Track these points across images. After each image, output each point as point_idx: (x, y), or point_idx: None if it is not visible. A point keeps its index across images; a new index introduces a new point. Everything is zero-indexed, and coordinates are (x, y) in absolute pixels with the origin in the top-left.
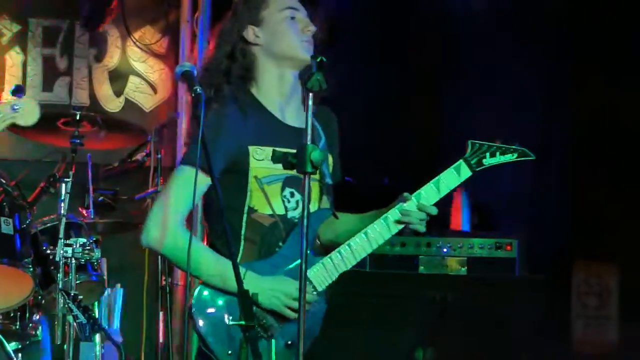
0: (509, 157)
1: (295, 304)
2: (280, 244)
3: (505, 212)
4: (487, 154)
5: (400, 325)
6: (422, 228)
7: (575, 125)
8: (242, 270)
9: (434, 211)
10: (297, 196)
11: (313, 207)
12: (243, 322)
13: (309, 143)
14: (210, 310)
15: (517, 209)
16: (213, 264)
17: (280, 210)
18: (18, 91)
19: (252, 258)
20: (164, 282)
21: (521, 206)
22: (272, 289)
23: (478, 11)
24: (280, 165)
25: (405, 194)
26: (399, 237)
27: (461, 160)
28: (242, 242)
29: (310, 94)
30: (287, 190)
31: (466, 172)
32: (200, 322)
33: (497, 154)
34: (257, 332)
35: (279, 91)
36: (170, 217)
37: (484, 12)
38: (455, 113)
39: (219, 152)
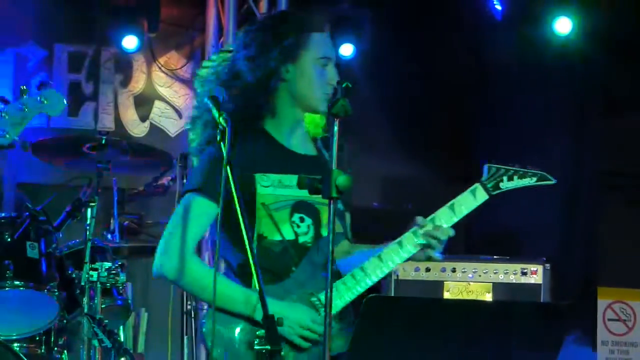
0: (527, 181)
1: (308, 334)
2: (293, 268)
3: (531, 238)
4: (505, 178)
5: (424, 351)
6: (437, 252)
7: (603, 153)
8: (253, 295)
9: (451, 232)
10: (308, 220)
11: (324, 231)
12: (269, 347)
13: (334, 168)
14: (222, 333)
15: (543, 235)
16: (226, 290)
17: (289, 236)
18: (44, 85)
19: (265, 284)
20: (188, 307)
21: (547, 232)
22: (284, 316)
23: (508, 43)
24: (287, 191)
25: (419, 217)
26: (424, 262)
27: (477, 184)
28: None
29: (336, 120)
30: (296, 216)
31: (483, 196)
32: (212, 345)
33: (515, 177)
34: (282, 358)
35: (287, 122)
36: (182, 247)
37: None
38: (483, 142)
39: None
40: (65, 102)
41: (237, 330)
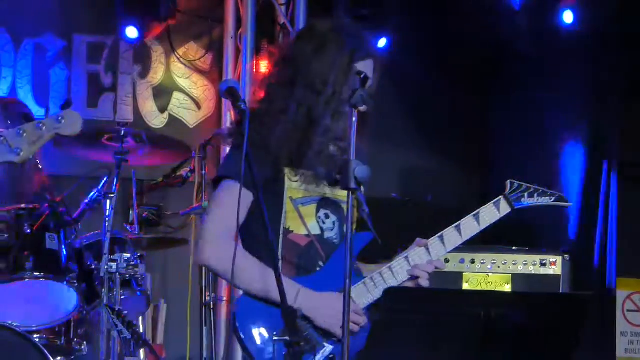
0: (546, 200)
1: (351, 325)
2: (321, 263)
3: (550, 229)
4: (526, 194)
5: (443, 342)
6: (425, 281)
7: (622, 141)
8: (295, 286)
9: (442, 266)
10: (333, 217)
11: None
12: (287, 338)
13: (353, 159)
14: (253, 319)
15: (562, 226)
16: (260, 278)
17: (315, 231)
18: (66, 105)
19: (290, 277)
20: (207, 298)
21: (566, 223)
22: (329, 308)
23: (527, 29)
24: (314, 187)
25: (418, 240)
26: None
27: (501, 197)
28: (280, 262)
29: (354, 111)
30: (322, 212)
31: (506, 209)
32: (243, 332)
33: (535, 195)
34: (301, 348)
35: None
36: (225, 234)
37: (533, 30)
38: (502, 132)
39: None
40: (81, 125)
41: (264, 314)
